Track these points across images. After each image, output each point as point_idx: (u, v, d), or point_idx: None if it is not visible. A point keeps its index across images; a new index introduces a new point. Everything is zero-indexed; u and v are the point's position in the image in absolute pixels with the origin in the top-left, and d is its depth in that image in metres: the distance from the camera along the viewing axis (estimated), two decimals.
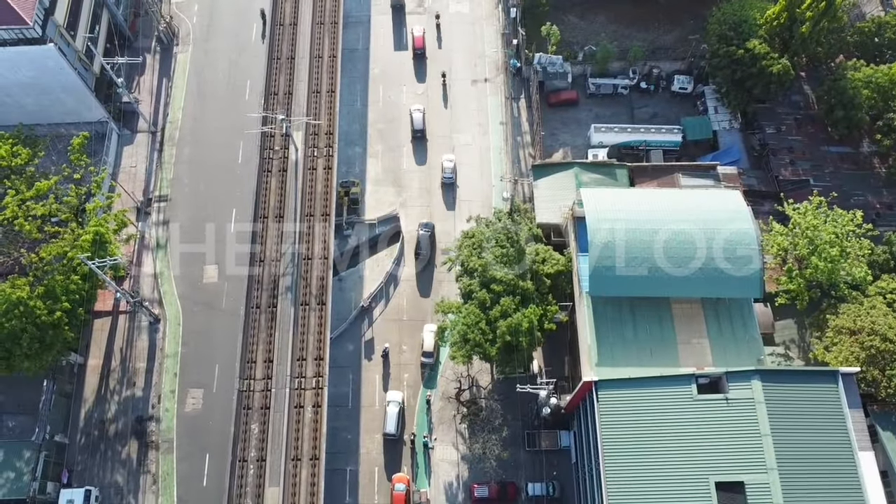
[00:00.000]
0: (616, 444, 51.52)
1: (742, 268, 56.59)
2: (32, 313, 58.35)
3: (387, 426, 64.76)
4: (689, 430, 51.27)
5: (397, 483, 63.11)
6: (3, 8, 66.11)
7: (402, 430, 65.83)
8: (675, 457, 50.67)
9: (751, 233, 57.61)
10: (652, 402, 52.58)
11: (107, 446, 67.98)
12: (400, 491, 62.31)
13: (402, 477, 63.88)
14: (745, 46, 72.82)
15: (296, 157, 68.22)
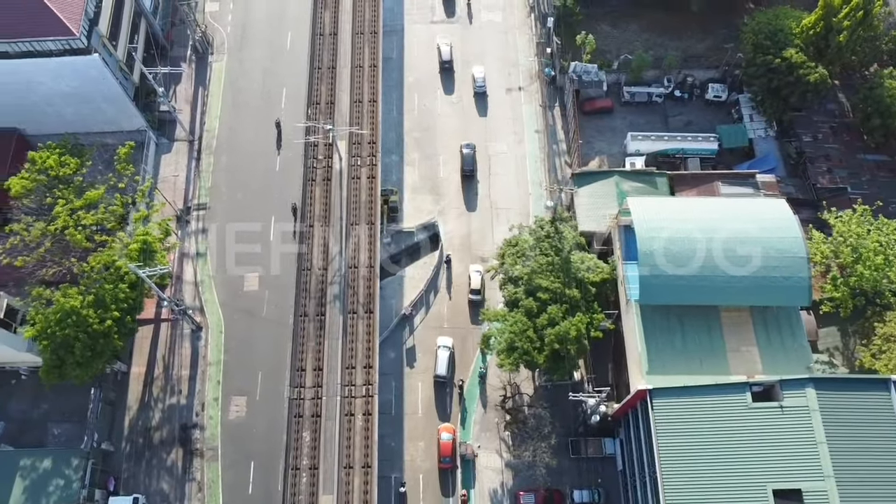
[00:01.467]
0: (673, 452, 51.84)
1: (791, 276, 57.00)
2: (85, 322, 58.77)
3: (438, 369, 67.21)
4: (745, 438, 51.58)
5: (443, 432, 64.97)
6: (50, 19, 66.73)
7: (452, 374, 67.63)
8: (731, 464, 50.98)
9: (799, 241, 58.04)
10: (707, 410, 52.92)
11: (152, 454, 68.34)
12: (446, 440, 64.16)
13: (448, 427, 65.64)
14: (782, 55, 73.42)
15: (340, 167, 68.64)
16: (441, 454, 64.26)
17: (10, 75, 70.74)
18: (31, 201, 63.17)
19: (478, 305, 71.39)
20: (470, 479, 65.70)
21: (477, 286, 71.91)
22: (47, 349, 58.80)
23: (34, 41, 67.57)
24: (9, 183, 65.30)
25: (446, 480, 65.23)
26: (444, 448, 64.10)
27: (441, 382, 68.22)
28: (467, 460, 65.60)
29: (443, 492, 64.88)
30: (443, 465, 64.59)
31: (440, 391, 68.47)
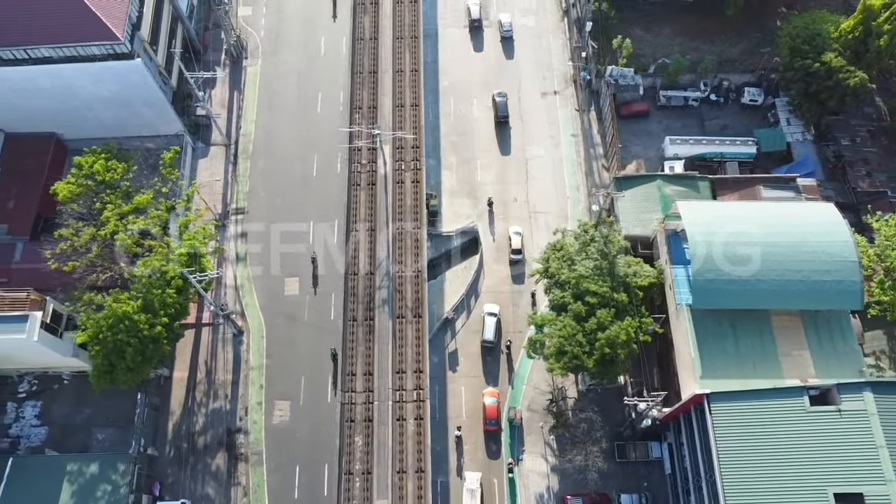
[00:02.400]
0: (732, 456, 52.00)
1: (843, 280, 57.17)
2: (136, 327, 58.76)
3: (485, 334, 68.99)
4: (804, 442, 51.77)
5: (488, 397, 66.65)
6: (95, 24, 66.76)
7: (499, 339, 69.31)
8: (791, 468, 51.13)
9: (849, 245, 58.25)
10: (764, 414, 53.11)
11: (196, 458, 68.32)
12: (491, 404, 65.85)
13: (492, 391, 67.36)
14: (821, 59, 73.63)
15: (384, 171, 68.71)
16: (486, 417, 66.00)
17: (53, 80, 70.84)
18: (80, 206, 63.12)
19: (519, 265, 73.64)
20: (516, 446, 66.51)
21: (518, 246, 74.00)
22: (99, 354, 58.77)
23: (78, 46, 67.54)
24: (55, 188, 65.40)
25: (491, 443, 66.71)
26: (489, 411, 66.01)
27: (488, 347, 70.00)
28: (515, 425, 66.74)
29: (488, 454, 66.26)
30: (488, 428, 66.25)
31: (487, 356, 70.40)
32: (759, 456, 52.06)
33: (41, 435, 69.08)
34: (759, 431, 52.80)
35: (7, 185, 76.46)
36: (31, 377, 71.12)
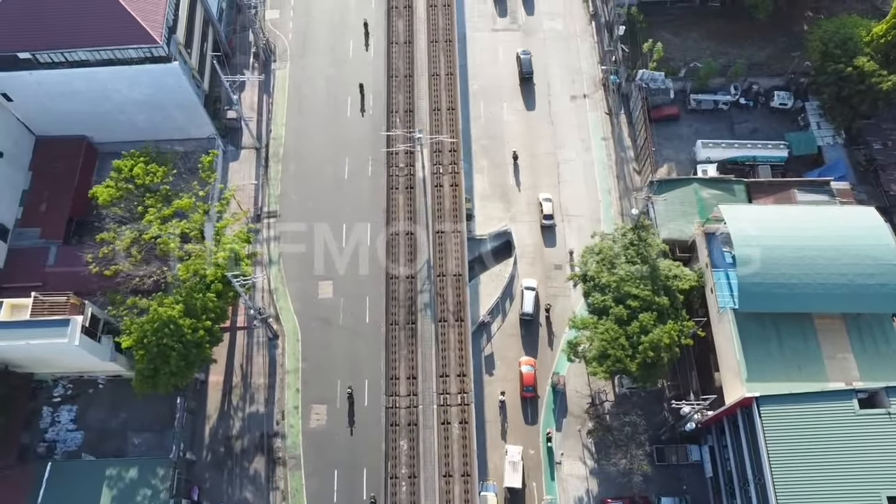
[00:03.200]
0: (783, 459, 52.09)
1: (887, 283, 57.35)
2: (181, 331, 58.59)
3: (524, 307, 70.84)
4: (854, 445, 51.94)
5: (525, 365, 68.60)
6: (133, 27, 66.68)
7: (538, 312, 71.18)
8: (842, 471, 51.28)
9: (892, 248, 58.41)
10: (813, 418, 53.23)
11: (233, 463, 68.14)
12: (528, 371, 67.88)
13: (528, 360, 69.28)
14: (853, 64, 74.02)
15: (422, 175, 68.76)
16: (524, 384, 67.89)
17: (88, 83, 70.80)
18: (122, 210, 62.93)
19: (550, 230, 75.91)
20: (558, 412, 68.03)
21: (549, 212, 76.09)
22: (143, 359, 58.54)
23: (116, 49, 67.42)
24: (94, 191, 65.23)
25: (527, 409, 68.40)
26: (526, 378, 67.96)
27: (527, 320, 71.47)
28: (558, 391, 68.48)
29: (525, 420, 67.84)
30: (525, 395, 68.07)
31: (526, 328, 72.01)
32: (809, 459, 52.19)
33: (77, 439, 68.77)
34: (809, 434, 52.93)
35: (39, 188, 76.35)
36: (65, 381, 70.80)
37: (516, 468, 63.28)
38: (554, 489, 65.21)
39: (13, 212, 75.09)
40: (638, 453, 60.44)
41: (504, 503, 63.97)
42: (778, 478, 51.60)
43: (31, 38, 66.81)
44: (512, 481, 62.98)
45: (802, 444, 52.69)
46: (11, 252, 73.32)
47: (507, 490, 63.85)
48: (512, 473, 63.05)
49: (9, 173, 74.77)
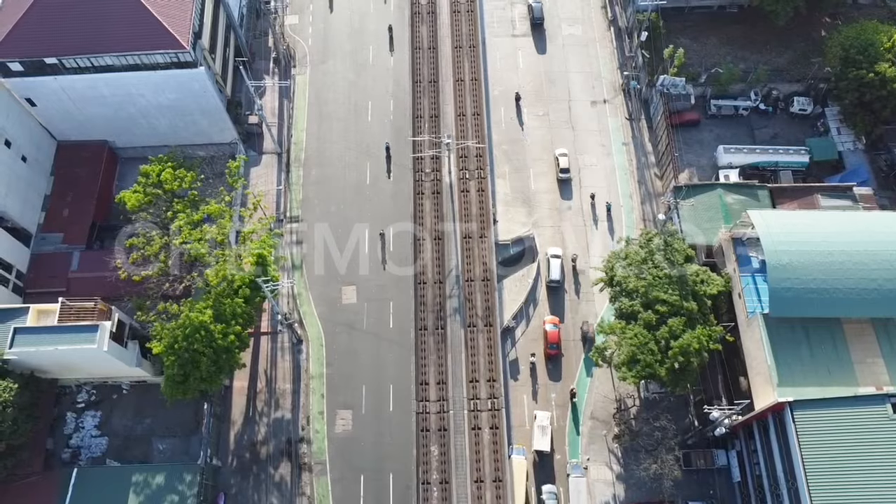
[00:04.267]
0: (818, 464, 52.15)
1: None
2: (212, 337, 58.50)
3: (551, 275, 72.85)
4: (888, 450, 52.05)
5: (549, 324, 70.90)
6: (160, 33, 66.72)
7: (563, 279, 73.37)
8: (878, 476, 51.34)
9: None
10: (847, 422, 53.32)
11: (259, 469, 67.97)
12: (552, 329, 70.35)
13: (553, 319, 71.55)
14: (875, 69, 74.38)
15: (449, 180, 68.84)
16: (548, 341, 70.17)
17: (113, 88, 70.86)
18: (151, 215, 62.87)
19: (567, 184, 78.46)
20: (589, 363, 69.45)
21: (566, 166, 78.76)
22: (174, 364, 58.39)
23: (143, 54, 67.43)
24: (122, 196, 65.21)
25: (551, 365, 70.61)
26: (550, 336, 70.31)
27: (554, 287, 73.72)
28: (588, 337, 70.89)
29: (550, 376, 70.03)
30: (549, 352, 70.31)
31: (554, 295, 74.12)
32: (843, 464, 52.25)
33: (102, 445, 68.58)
34: (842, 439, 53.01)
35: (61, 193, 76.35)
36: (89, 387, 70.63)
37: (545, 432, 65.17)
38: (578, 444, 66.80)
39: (36, 217, 75.07)
40: (668, 458, 60.41)
41: (533, 466, 65.23)
42: (813, 482, 51.64)
43: (57, 44, 66.79)
44: (541, 445, 64.75)
45: (836, 448, 52.75)
46: (34, 257, 73.25)
47: (535, 453, 65.39)
48: (541, 437, 64.80)
49: (31, 178, 74.71)
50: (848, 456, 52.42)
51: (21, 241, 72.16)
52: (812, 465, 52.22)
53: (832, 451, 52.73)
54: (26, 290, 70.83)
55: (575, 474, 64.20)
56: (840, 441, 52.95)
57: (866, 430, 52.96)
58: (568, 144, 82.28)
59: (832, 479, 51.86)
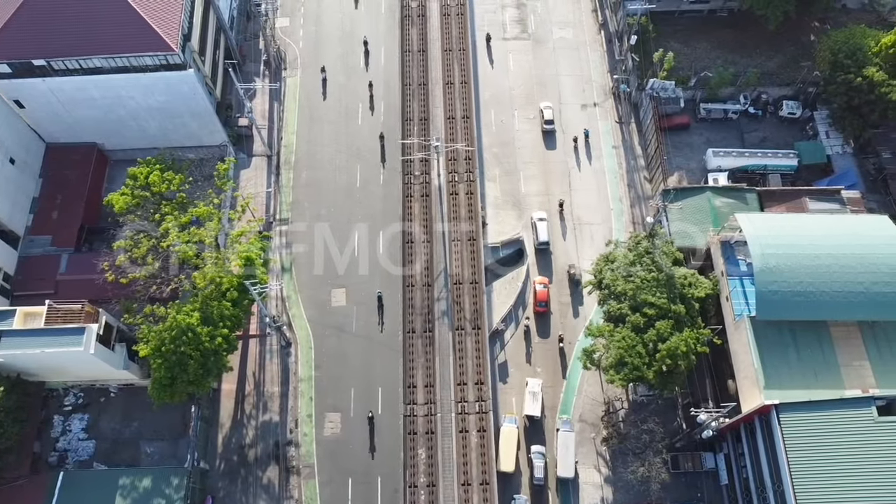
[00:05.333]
0: (804, 467, 52.25)
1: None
2: (199, 339, 58.34)
3: (539, 237, 75.02)
4: (873, 453, 52.18)
5: (538, 284, 72.98)
6: (150, 35, 66.65)
7: (550, 242, 75.48)
8: (862, 478, 51.48)
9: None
10: (832, 425, 53.51)
11: (247, 472, 67.74)
12: (541, 289, 72.40)
13: (542, 279, 73.71)
14: (863, 74, 74.73)
15: (438, 182, 68.85)
16: (537, 300, 72.18)
17: (102, 90, 70.76)
18: (139, 217, 62.73)
19: (551, 135, 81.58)
20: (577, 301, 73.40)
21: (550, 118, 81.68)
22: (161, 367, 58.22)
23: (132, 56, 67.34)
24: (110, 199, 65.03)
25: (541, 323, 72.75)
26: (540, 295, 72.32)
27: (542, 249, 75.69)
28: (576, 280, 74.24)
29: (539, 334, 72.07)
30: (538, 309, 72.41)
31: (542, 256, 76.19)
32: (828, 466, 52.39)
33: (89, 449, 68.29)
34: (828, 442, 53.17)
35: (50, 195, 76.09)
36: (76, 390, 70.38)
37: (536, 398, 66.58)
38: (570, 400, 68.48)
39: (24, 219, 74.74)
40: (656, 461, 60.45)
41: (524, 431, 66.92)
42: (798, 485, 51.74)
43: (46, 46, 66.67)
44: (532, 410, 66.20)
45: (822, 451, 52.90)
46: (22, 260, 72.99)
47: (526, 418, 66.72)
48: (532, 403, 66.29)
49: (20, 180, 74.46)
50: (833, 458, 52.57)
51: (9, 243, 71.88)
52: (797, 468, 52.33)
53: (818, 453, 52.88)
54: (13, 293, 70.50)
55: (564, 429, 65.71)
56: (825, 443, 53.12)
57: (851, 433, 53.16)
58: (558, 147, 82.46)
59: (817, 482, 51.99)
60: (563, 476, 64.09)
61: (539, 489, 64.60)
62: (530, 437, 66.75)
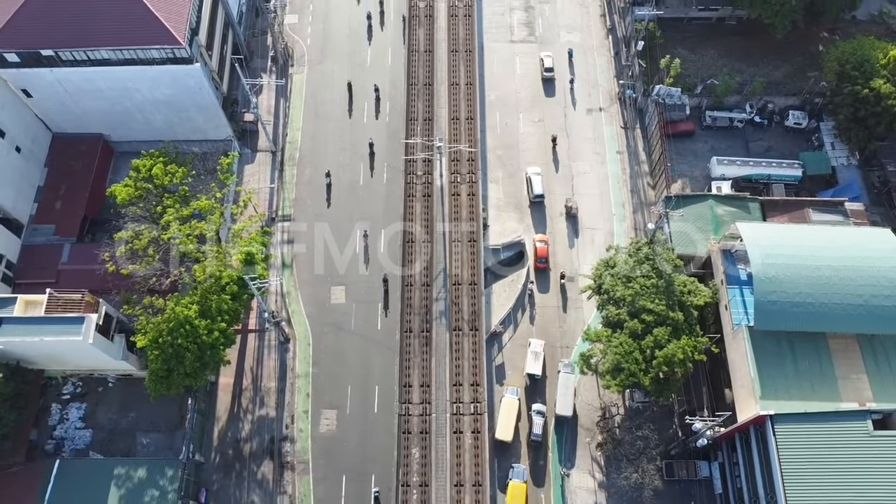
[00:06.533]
0: (797, 478, 52.12)
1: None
2: (196, 332, 58.56)
3: (534, 189, 77.40)
4: (868, 467, 52.03)
5: (538, 242, 75.12)
6: (158, 28, 66.95)
7: (544, 196, 78.07)
8: (856, 493, 51.32)
9: None
10: (827, 437, 53.39)
11: (241, 466, 67.96)
12: (541, 246, 74.74)
13: (542, 237, 75.99)
14: (870, 85, 74.48)
15: (440, 183, 68.93)
16: (538, 256, 74.63)
17: (109, 82, 71.09)
18: (141, 209, 63.00)
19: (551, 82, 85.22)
20: (571, 231, 77.21)
21: (550, 66, 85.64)
22: (158, 359, 58.48)
23: (139, 49, 67.67)
24: (112, 190, 65.37)
25: (540, 278, 75.10)
26: (540, 252, 74.72)
27: (537, 202, 78.62)
28: (572, 214, 77.94)
29: (540, 288, 74.27)
30: (539, 266, 74.70)
31: (537, 209, 78.90)
32: (822, 479, 52.26)
33: (86, 438, 68.61)
34: (823, 454, 53.04)
35: (54, 185, 76.50)
36: (75, 379, 70.73)
37: (538, 358, 68.73)
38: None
39: (28, 208, 75.19)
40: (649, 468, 60.37)
41: (525, 390, 69.06)
42: (791, 496, 51.63)
43: (54, 36, 67.04)
44: (533, 369, 68.31)
45: (816, 463, 52.77)
46: (25, 248, 73.39)
47: (528, 376, 68.96)
48: (533, 362, 68.44)
49: (25, 169, 74.91)
50: (827, 471, 52.45)
51: (13, 231, 72.33)
52: (791, 479, 52.20)
53: (812, 465, 52.75)
54: (15, 281, 70.94)
55: (564, 371, 68.11)
56: (820, 456, 52.99)
57: (846, 446, 53.02)
58: (562, 151, 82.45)
59: (811, 494, 51.88)
60: (561, 414, 66.24)
61: (537, 446, 66.26)
62: (531, 396, 68.63)
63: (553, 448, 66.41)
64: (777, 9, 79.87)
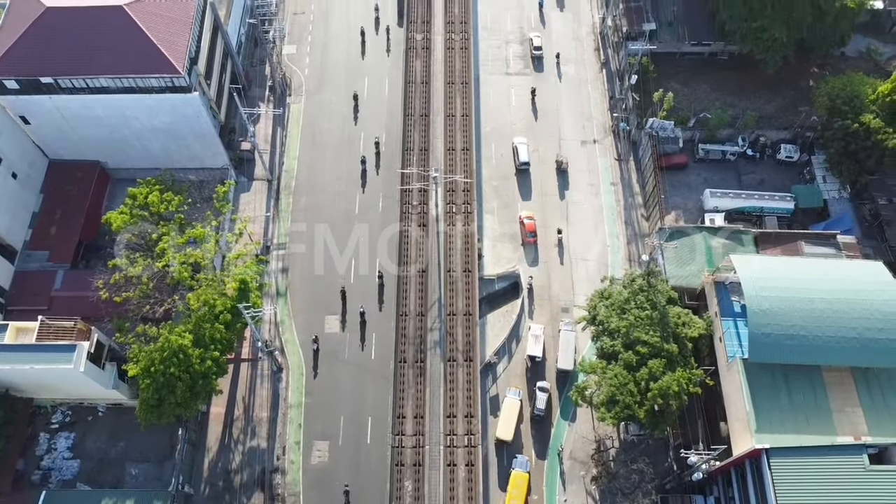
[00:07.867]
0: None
1: None
2: (189, 361, 58.13)
3: (520, 157, 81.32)
4: (865, 501, 51.63)
5: (526, 219, 78.03)
6: (157, 57, 67.63)
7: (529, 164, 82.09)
8: None
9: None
10: (823, 471, 53.03)
11: (232, 498, 66.93)
12: (529, 222, 77.90)
13: (529, 214, 78.93)
14: (860, 120, 75.59)
15: (435, 213, 69.22)
16: (527, 231, 77.75)
17: (108, 109, 71.58)
18: (136, 237, 62.95)
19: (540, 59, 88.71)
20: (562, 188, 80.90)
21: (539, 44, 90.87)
22: (149, 388, 57.92)
23: (138, 77, 68.21)
24: (108, 217, 65.30)
25: (530, 252, 78.17)
26: (528, 227, 77.97)
27: (524, 170, 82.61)
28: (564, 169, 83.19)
29: (527, 261, 77.55)
30: (527, 240, 77.86)
31: (521, 178, 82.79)
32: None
33: (74, 468, 67.54)
34: (818, 488, 52.63)
35: (50, 211, 76.52)
36: (64, 408, 69.87)
37: (538, 341, 71.21)
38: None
39: (23, 233, 75.06)
40: (645, 502, 59.76)
41: (526, 370, 71.54)
42: None
43: (53, 64, 67.62)
44: (534, 351, 70.91)
45: (812, 498, 52.36)
46: (18, 274, 73.07)
47: (528, 358, 71.26)
48: (534, 345, 71.04)
49: (21, 194, 74.91)
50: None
51: (6, 257, 72.05)
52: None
53: (808, 500, 52.31)
54: (7, 307, 70.47)
55: (566, 329, 71.53)
56: (816, 490, 52.58)
57: (842, 480, 52.65)
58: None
59: None
60: (562, 368, 69.90)
61: (540, 420, 68.51)
62: (532, 378, 70.70)
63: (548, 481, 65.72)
64: (768, 45, 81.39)
